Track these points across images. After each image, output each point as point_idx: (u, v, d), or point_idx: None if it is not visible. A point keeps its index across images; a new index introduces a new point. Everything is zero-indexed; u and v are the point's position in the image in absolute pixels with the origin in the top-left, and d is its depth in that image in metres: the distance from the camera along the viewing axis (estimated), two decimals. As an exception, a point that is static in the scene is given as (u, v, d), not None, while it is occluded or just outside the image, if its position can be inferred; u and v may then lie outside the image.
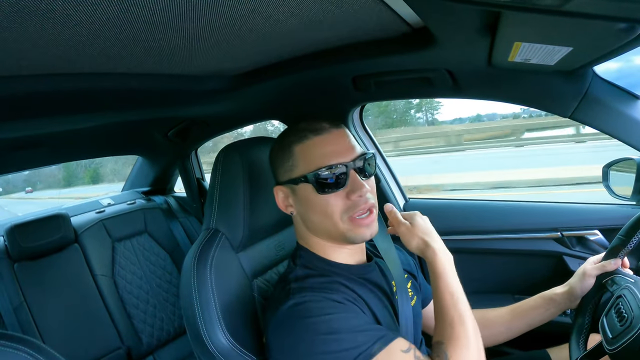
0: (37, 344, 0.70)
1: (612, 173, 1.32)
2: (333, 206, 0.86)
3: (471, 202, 1.71)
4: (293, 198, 0.92)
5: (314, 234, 0.94)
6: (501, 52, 0.90)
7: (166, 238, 2.50)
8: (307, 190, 0.87)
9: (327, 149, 0.87)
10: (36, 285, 1.97)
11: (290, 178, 0.90)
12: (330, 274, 0.91)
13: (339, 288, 0.86)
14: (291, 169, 0.90)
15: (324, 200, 0.86)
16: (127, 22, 0.74)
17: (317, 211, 0.88)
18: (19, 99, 1.05)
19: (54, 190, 23.07)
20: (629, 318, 0.81)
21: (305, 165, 0.87)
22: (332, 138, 0.88)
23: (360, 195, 0.85)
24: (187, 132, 2.19)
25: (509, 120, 17.78)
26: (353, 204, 0.86)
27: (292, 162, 0.90)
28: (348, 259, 0.95)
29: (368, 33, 1.05)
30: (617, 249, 1.03)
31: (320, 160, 0.86)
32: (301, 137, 0.89)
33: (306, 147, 0.88)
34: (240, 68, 1.31)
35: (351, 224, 0.87)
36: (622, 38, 0.72)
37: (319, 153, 0.86)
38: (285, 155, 0.91)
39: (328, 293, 0.83)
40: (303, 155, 0.88)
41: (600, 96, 1.05)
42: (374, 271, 0.99)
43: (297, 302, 0.81)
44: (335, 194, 0.86)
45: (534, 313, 1.14)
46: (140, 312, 2.22)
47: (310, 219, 0.91)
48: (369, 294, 0.91)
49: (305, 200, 0.89)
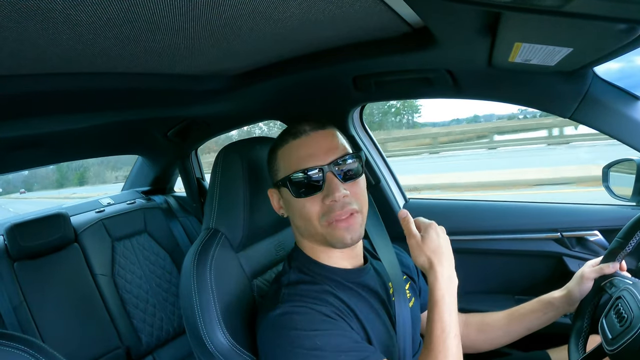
0: (36, 344, 0.70)
1: (612, 174, 1.32)
2: (309, 209, 0.86)
3: (471, 202, 1.70)
4: (282, 201, 0.94)
5: (303, 237, 0.95)
6: (501, 52, 0.90)
7: (166, 238, 2.50)
8: (286, 193, 0.89)
9: (303, 151, 0.87)
10: (36, 285, 1.97)
11: (275, 182, 0.93)
12: (323, 280, 0.90)
13: (329, 299, 0.85)
14: (276, 172, 0.92)
15: (300, 204, 0.87)
16: (128, 21, 0.74)
17: (297, 214, 0.89)
18: (19, 98, 1.05)
19: (46, 191, 24.82)
20: (628, 318, 0.81)
21: (285, 168, 0.88)
22: (309, 141, 0.88)
23: (335, 200, 0.84)
24: (187, 131, 2.19)
25: (482, 123, 18.29)
26: (329, 209, 0.85)
27: (276, 165, 0.92)
28: (341, 262, 0.95)
29: (368, 33, 1.05)
30: (616, 251, 1.03)
31: (296, 163, 0.86)
32: (282, 140, 0.90)
33: (285, 150, 0.89)
34: (240, 68, 1.31)
35: (329, 228, 0.86)
36: (622, 39, 0.72)
37: (295, 156, 0.87)
38: (271, 159, 0.94)
39: (318, 304, 0.82)
40: (283, 159, 0.90)
41: (601, 97, 1.05)
42: (369, 274, 0.99)
43: (286, 311, 0.81)
44: (312, 197, 0.85)
45: (531, 317, 1.13)
46: (140, 312, 2.22)
47: (295, 222, 0.93)
48: (360, 302, 0.91)
49: (288, 203, 0.91)
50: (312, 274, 0.92)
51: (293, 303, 0.82)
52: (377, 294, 0.97)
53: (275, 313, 0.81)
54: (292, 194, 0.86)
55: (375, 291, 0.96)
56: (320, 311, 0.80)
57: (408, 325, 0.96)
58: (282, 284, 0.89)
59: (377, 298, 0.96)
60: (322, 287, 0.88)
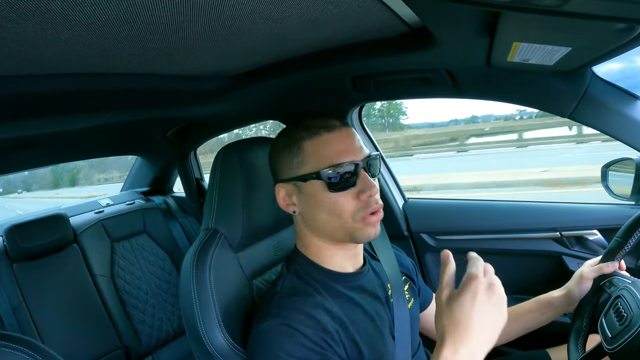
0: (36, 344, 0.70)
1: (611, 173, 1.32)
2: (342, 205, 0.84)
3: (470, 202, 1.71)
4: (297, 196, 0.90)
5: (314, 234, 0.92)
6: (500, 52, 0.90)
7: (165, 238, 2.50)
8: (316, 187, 0.85)
9: (339, 146, 0.86)
10: (35, 286, 1.97)
11: (297, 175, 0.87)
12: (318, 288, 0.88)
13: (320, 317, 0.82)
14: (299, 165, 0.87)
15: (333, 199, 0.84)
16: (126, 22, 0.74)
17: (325, 209, 0.86)
18: (18, 99, 1.05)
19: (43, 192, 26.26)
20: (628, 317, 0.81)
21: (316, 162, 0.85)
22: (344, 135, 0.87)
23: (371, 195, 0.84)
24: (186, 132, 2.19)
25: (461, 126, 18.64)
26: (365, 204, 0.85)
27: (301, 158, 0.87)
28: (344, 264, 0.94)
29: (367, 33, 1.05)
30: (615, 251, 1.03)
31: (333, 157, 0.84)
32: (312, 133, 0.87)
33: (318, 143, 0.86)
34: (239, 68, 1.31)
35: (362, 224, 0.85)
36: (621, 38, 0.72)
37: (331, 150, 0.85)
38: (293, 151, 0.88)
39: (304, 326, 0.79)
40: (314, 152, 0.86)
41: (599, 96, 1.05)
42: (368, 276, 0.98)
43: (272, 327, 0.79)
44: (344, 192, 0.84)
45: (530, 316, 1.14)
46: (139, 313, 2.22)
47: (315, 218, 0.89)
48: (354, 311, 0.89)
49: (313, 198, 0.87)
50: (309, 280, 0.90)
51: (280, 319, 0.80)
52: (375, 297, 0.96)
53: (263, 326, 0.80)
54: (327, 188, 0.84)
55: (373, 294, 0.96)
56: (305, 334, 0.78)
57: (407, 326, 0.96)
58: (277, 291, 0.88)
59: (375, 301, 0.95)
60: (314, 300, 0.85)
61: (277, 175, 0.93)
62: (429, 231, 1.68)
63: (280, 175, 0.92)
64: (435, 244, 1.67)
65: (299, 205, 0.91)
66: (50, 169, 20.13)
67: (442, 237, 1.65)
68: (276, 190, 0.92)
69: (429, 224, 1.69)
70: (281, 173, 0.92)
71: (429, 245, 1.67)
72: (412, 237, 1.71)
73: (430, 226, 1.68)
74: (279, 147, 0.92)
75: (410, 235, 1.71)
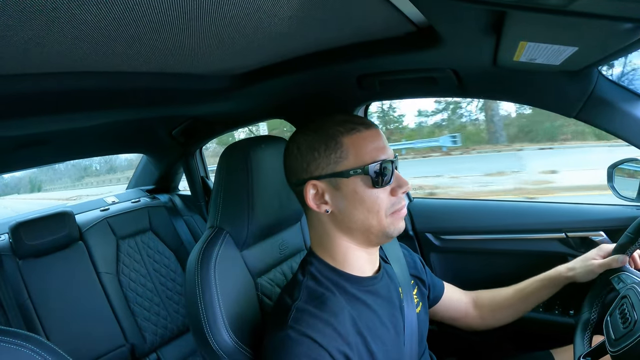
0: (41, 341, 0.70)
1: (617, 174, 1.31)
2: (382, 200, 0.85)
3: (475, 202, 1.70)
4: (332, 193, 0.86)
5: (345, 234, 0.90)
6: (506, 51, 0.90)
7: (170, 236, 2.51)
8: (357, 183, 0.84)
9: (377, 143, 0.86)
10: (41, 283, 1.98)
11: (336, 171, 0.85)
12: (336, 293, 0.87)
13: (342, 328, 0.81)
14: (338, 161, 0.85)
15: (374, 195, 0.84)
16: (133, 20, 0.74)
17: (365, 206, 0.85)
18: (24, 97, 1.06)
19: (41, 193, 26.91)
20: (632, 320, 0.81)
21: (358, 157, 0.84)
22: (379, 134, 0.88)
23: (404, 192, 0.87)
24: (192, 130, 2.19)
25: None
26: (397, 200, 0.87)
27: (339, 153, 0.85)
28: (365, 267, 0.93)
29: (373, 32, 1.05)
30: (625, 246, 1.03)
31: (374, 153, 0.85)
32: (350, 129, 0.86)
33: (358, 139, 0.85)
34: (244, 67, 1.31)
35: (393, 218, 0.87)
36: (628, 38, 0.72)
37: (371, 146, 0.85)
38: (330, 147, 0.85)
39: (322, 336, 0.78)
40: (354, 148, 0.85)
41: (606, 96, 1.04)
42: (383, 280, 0.97)
43: (291, 336, 0.77)
44: (383, 189, 0.85)
45: (542, 293, 1.18)
46: (144, 310, 2.23)
47: (352, 215, 0.86)
48: (369, 316, 0.88)
49: (353, 194, 0.85)
50: (327, 283, 0.88)
51: (299, 329, 0.78)
52: (390, 301, 0.95)
53: (281, 335, 0.78)
54: (372, 183, 0.83)
55: (388, 298, 0.95)
56: (323, 346, 0.76)
57: (415, 330, 0.96)
58: (294, 299, 0.85)
59: (390, 306, 0.94)
60: (333, 305, 0.83)
61: (306, 173, 0.88)
62: (434, 231, 1.68)
63: (311, 172, 0.87)
64: (440, 244, 1.66)
65: (332, 203, 0.87)
66: (49, 171, 20.33)
67: (447, 236, 1.65)
68: (305, 188, 0.87)
69: (434, 223, 1.68)
70: (312, 170, 0.87)
71: (434, 244, 1.67)
72: (417, 237, 1.71)
73: (435, 226, 1.68)
74: (311, 143, 0.87)
75: (416, 235, 1.70)
